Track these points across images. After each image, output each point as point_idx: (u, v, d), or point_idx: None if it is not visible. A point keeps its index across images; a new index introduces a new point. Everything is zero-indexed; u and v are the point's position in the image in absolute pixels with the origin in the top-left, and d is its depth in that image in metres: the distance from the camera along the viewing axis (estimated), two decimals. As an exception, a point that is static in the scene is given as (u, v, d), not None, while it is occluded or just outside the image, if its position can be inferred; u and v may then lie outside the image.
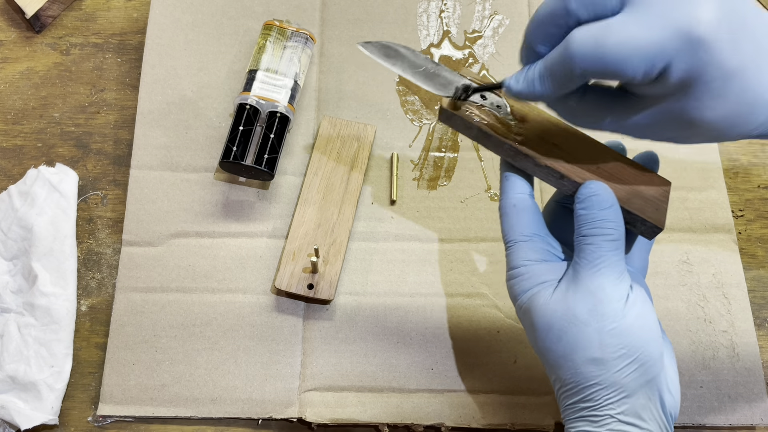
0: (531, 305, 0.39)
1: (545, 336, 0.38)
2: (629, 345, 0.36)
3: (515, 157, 0.41)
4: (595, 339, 0.36)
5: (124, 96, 0.66)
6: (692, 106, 0.33)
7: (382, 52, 0.42)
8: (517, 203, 0.41)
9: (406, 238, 0.60)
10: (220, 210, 0.61)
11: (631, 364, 0.36)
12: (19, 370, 0.54)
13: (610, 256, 0.37)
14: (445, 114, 0.41)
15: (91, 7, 0.70)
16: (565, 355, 0.38)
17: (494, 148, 0.41)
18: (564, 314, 0.37)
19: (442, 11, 0.69)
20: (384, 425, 0.54)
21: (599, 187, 0.38)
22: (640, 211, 0.40)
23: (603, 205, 0.38)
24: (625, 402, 0.37)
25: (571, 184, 0.40)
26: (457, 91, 0.41)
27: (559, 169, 0.40)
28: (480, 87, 0.41)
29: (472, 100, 0.41)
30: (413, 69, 0.42)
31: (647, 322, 0.37)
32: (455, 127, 0.41)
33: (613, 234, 0.37)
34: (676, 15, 0.31)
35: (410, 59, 0.42)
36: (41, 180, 0.60)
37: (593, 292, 0.37)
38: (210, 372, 0.55)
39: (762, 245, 0.61)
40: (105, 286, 0.59)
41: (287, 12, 0.68)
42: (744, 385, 0.55)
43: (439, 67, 0.42)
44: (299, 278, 0.57)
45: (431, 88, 0.41)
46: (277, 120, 0.59)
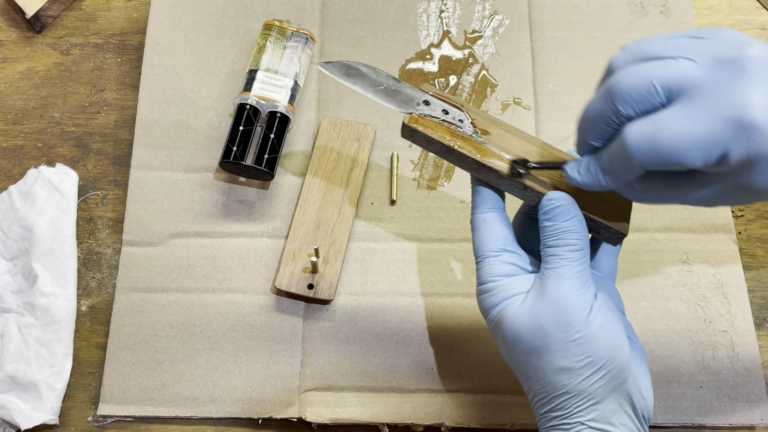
0: (500, 319, 0.40)
1: (515, 348, 0.39)
2: (595, 353, 0.37)
3: (479, 170, 0.41)
4: (561, 349, 0.37)
5: (124, 96, 0.66)
6: (757, 180, 0.33)
7: (342, 71, 0.43)
8: (487, 218, 0.41)
9: (406, 238, 0.60)
10: (220, 210, 0.61)
11: (598, 372, 0.37)
12: (19, 370, 0.54)
13: (574, 266, 0.38)
14: (407, 130, 0.41)
15: (91, 7, 0.70)
16: (535, 365, 0.38)
17: (458, 162, 0.41)
18: (531, 326, 0.38)
19: (442, 11, 0.69)
20: (384, 425, 0.54)
21: (562, 198, 0.39)
22: (603, 218, 0.40)
23: (566, 215, 0.39)
24: (595, 409, 0.37)
25: (535, 194, 0.40)
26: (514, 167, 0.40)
27: (522, 181, 0.40)
28: (542, 165, 0.40)
29: (435, 116, 0.41)
30: (374, 87, 0.42)
31: (612, 329, 0.38)
32: (418, 143, 0.41)
33: (577, 244, 0.38)
34: (725, 104, 0.31)
35: (371, 77, 0.43)
36: (41, 180, 0.60)
37: (558, 303, 0.37)
38: (210, 372, 0.55)
39: (762, 245, 0.61)
40: (105, 286, 0.59)
41: (287, 12, 0.68)
42: (744, 385, 0.55)
43: (400, 84, 0.42)
44: (299, 278, 0.57)
45: (393, 106, 0.41)
46: (277, 120, 0.59)
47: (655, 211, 0.61)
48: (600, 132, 0.36)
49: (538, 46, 0.67)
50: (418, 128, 0.40)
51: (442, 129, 0.41)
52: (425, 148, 0.41)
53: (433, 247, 0.60)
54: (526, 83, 0.66)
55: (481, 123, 0.42)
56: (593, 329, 0.37)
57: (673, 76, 0.33)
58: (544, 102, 0.65)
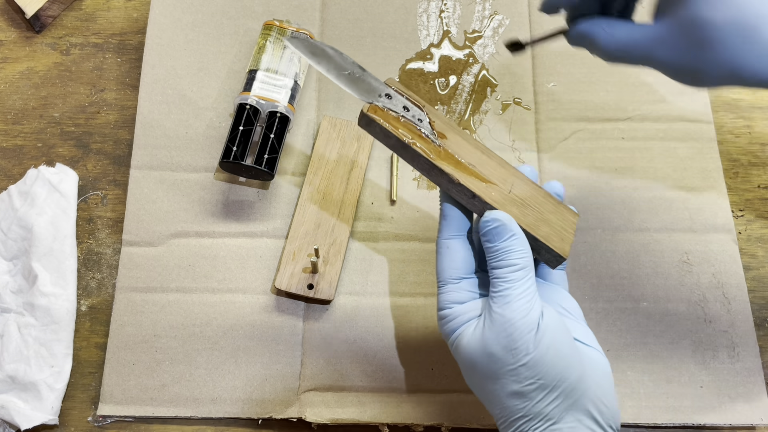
0: (458, 346, 0.40)
1: (471, 375, 0.40)
2: (545, 375, 0.37)
3: (430, 171, 0.40)
4: (512, 374, 0.37)
5: (124, 96, 0.66)
6: (703, 8, 0.35)
7: (308, 49, 0.42)
8: (450, 245, 0.41)
9: (406, 238, 0.60)
10: (220, 210, 0.61)
11: (551, 393, 0.37)
12: (19, 370, 0.54)
13: (517, 287, 0.38)
14: (365, 119, 0.41)
15: (91, 7, 0.70)
16: (491, 391, 0.38)
17: (411, 160, 0.41)
18: (483, 352, 0.38)
19: (442, 11, 0.69)
20: (384, 425, 0.54)
21: (499, 217, 0.39)
22: (545, 239, 0.40)
23: (505, 235, 0.39)
24: (554, 429, 0.37)
25: (482, 204, 0.40)
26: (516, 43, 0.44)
27: (472, 189, 0.40)
28: (545, 36, 0.43)
29: (395, 110, 0.41)
30: (338, 71, 0.42)
31: (560, 348, 0.37)
32: (374, 134, 0.41)
33: (518, 264, 0.38)
34: None
35: (336, 61, 0.42)
36: (41, 180, 0.60)
37: (504, 328, 0.37)
38: (210, 372, 0.55)
39: (762, 245, 0.61)
40: (105, 286, 0.59)
41: (287, 12, 0.68)
42: (744, 385, 0.55)
43: (365, 73, 0.42)
44: (299, 278, 0.57)
45: (354, 93, 0.41)
46: (277, 120, 0.59)
47: (656, 211, 0.61)
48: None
49: (538, 46, 0.67)
50: (375, 118, 0.40)
51: (400, 124, 0.40)
52: (381, 140, 0.41)
53: (433, 247, 0.60)
54: (526, 83, 0.66)
55: (440, 126, 0.42)
56: (541, 351, 0.37)
57: None
58: (544, 102, 0.65)
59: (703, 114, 0.65)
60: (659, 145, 0.64)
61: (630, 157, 0.63)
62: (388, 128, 0.40)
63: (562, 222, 0.42)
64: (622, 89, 0.66)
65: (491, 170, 0.42)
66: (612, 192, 0.62)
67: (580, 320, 0.42)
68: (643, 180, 0.62)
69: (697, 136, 0.64)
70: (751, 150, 0.65)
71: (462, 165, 0.41)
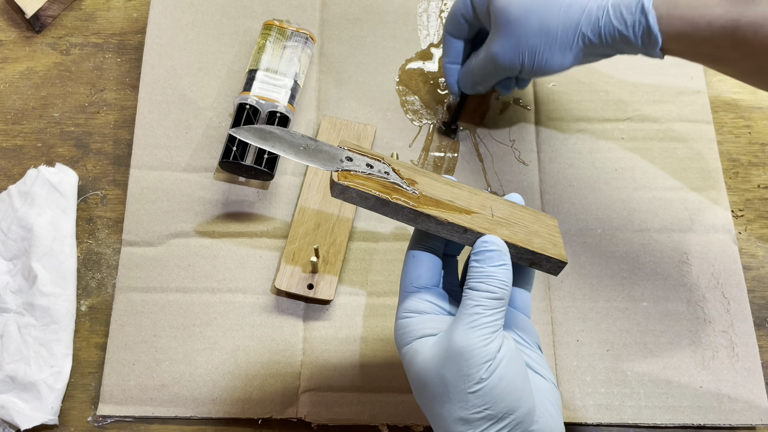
0: (411, 360, 0.39)
1: (421, 393, 0.39)
2: (494, 405, 0.36)
3: (416, 219, 0.40)
4: (461, 399, 0.37)
5: (124, 96, 0.66)
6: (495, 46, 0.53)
7: (257, 135, 0.41)
8: (416, 255, 0.41)
9: (406, 238, 0.60)
10: (220, 210, 0.61)
11: (497, 424, 0.36)
12: (19, 370, 0.54)
13: (488, 314, 0.37)
14: (338, 188, 0.39)
15: (91, 7, 0.70)
16: (439, 413, 0.38)
17: (394, 215, 0.40)
18: (436, 374, 0.37)
19: (442, 11, 0.69)
20: (384, 425, 0.54)
21: (496, 243, 0.39)
22: (542, 250, 0.40)
23: (495, 261, 0.38)
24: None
25: (475, 235, 0.40)
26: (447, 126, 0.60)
27: (462, 224, 0.39)
28: (456, 111, 0.56)
29: (360, 171, 0.40)
30: (294, 149, 0.41)
31: (513, 381, 0.37)
32: (350, 200, 0.40)
33: (497, 293, 0.37)
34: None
35: (288, 140, 0.41)
36: (41, 180, 0.60)
37: (462, 353, 0.36)
38: (210, 372, 0.55)
39: (762, 245, 0.61)
40: (105, 286, 0.59)
41: (287, 12, 0.68)
42: (744, 385, 0.55)
43: (318, 143, 0.41)
44: (299, 278, 0.57)
45: (317, 165, 0.40)
46: (277, 120, 0.59)
47: (656, 211, 0.61)
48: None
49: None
50: (349, 184, 0.38)
51: (372, 183, 0.39)
52: (357, 204, 0.40)
53: (433, 247, 0.60)
54: (526, 83, 0.66)
55: (406, 173, 0.41)
56: (493, 381, 0.36)
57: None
58: (544, 102, 0.65)
59: (703, 114, 0.65)
60: (659, 145, 0.64)
61: (630, 157, 0.63)
62: (364, 190, 0.39)
63: (547, 229, 0.43)
64: (622, 89, 0.66)
65: (468, 200, 0.41)
66: (612, 192, 0.62)
67: (536, 348, 0.42)
68: (643, 180, 0.62)
69: (697, 136, 0.64)
70: (751, 150, 0.65)
71: (443, 204, 0.40)
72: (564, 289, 0.58)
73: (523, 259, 0.41)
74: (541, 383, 0.40)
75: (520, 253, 0.41)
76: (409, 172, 0.42)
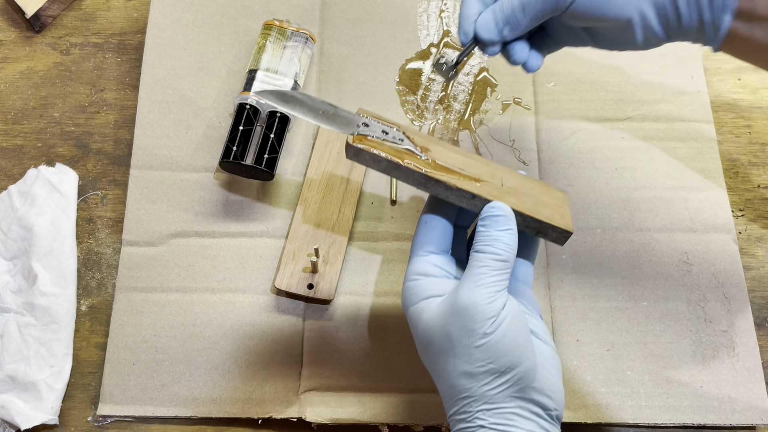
0: (417, 319, 0.41)
1: (426, 350, 0.40)
2: (497, 360, 0.38)
3: (426, 184, 0.42)
4: (465, 354, 0.38)
5: (124, 96, 0.66)
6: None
7: (279, 98, 0.44)
8: (429, 220, 0.43)
9: (406, 238, 0.60)
10: (220, 210, 0.61)
11: (498, 378, 0.38)
12: (19, 370, 0.54)
13: (493, 275, 0.39)
14: (352, 150, 0.41)
15: (91, 7, 0.70)
16: (443, 368, 0.39)
17: (405, 178, 0.42)
18: (441, 330, 0.39)
19: (442, 11, 0.69)
20: (384, 425, 0.54)
21: (503, 209, 0.41)
22: (549, 219, 0.42)
23: (501, 226, 0.40)
24: (497, 413, 0.38)
25: (483, 202, 0.41)
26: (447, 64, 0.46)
27: (470, 190, 0.41)
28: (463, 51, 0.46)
29: (375, 136, 0.42)
30: (313, 112, 0.43)
31: (516, 337, 0.38)
32: (364, 162, 0.42)
33: (502, 255, 0.39)
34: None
35: (308, 104, 0.44)
36: (41, 180, 0.60)
37: (467, 308, 0.38)
38: (210, 372, 0.55)
39: (762, 245, 0.61)
40: (105, 286, 0.59)
41: (287, 12, 0.68)
42: (744, 385, 0.55)
43: (337, 109, 0.43)
44: (299, 278, 0.57)
45: (335, 128, 0.43)
46: (277, 120, 0.59)
47: (656, 211, 0.61)
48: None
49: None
50: (363, 147, 0.41)
51: (385, 147, 0.42)
52: (371, 167, 0.42)
53: (433, 247, 0.60)
54: (526, 83, 0.66)
55: (420, 141, 0.43)
56: (497, 337, 0.38)
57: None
58: (544, 102, 0.65)
59: (703, 114, 0.65)
60: (659, 145, 0.64)
61: (630, 157, 0.63)
62: (377, 153, 0.41)
63: (556, 201, 0.44)
64: (622, 89, 0.66)
65: (479, 170, 0.43)
66: (612, 192, 0.62)
67: (537, 316, 0.44)
68: (643, 180, 0.62)
69: (697, 136, 0.64)
70: (751, 150, 0.65)
71: (453, 171, 0.42)
72: (564, 289, 0.58)
73: (529, 227, 0.42)
74: (542, 347, 0.41)
75: (526, 221, 0.42)
76: (423, 140, 0.43)
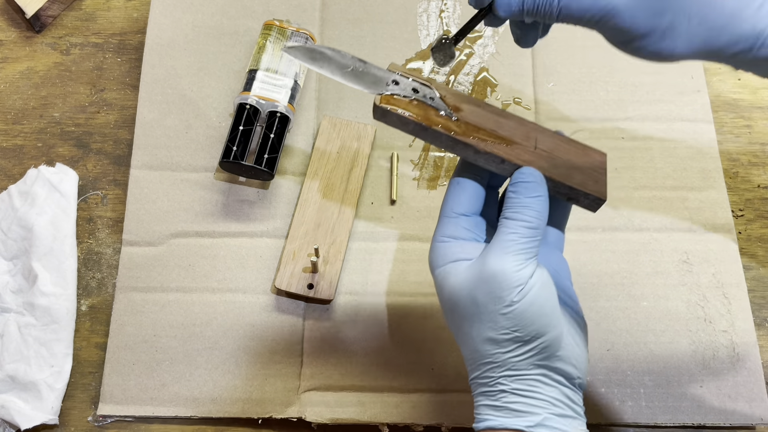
0: (443, 281, 0.40)
1: (451, 313, 0.40)
2: (522, 328, 0.37)
3: (455, 147, 0.40)
4: (491, 320, 0.38)
5: (124, 96, 0.66)
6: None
7: (307, 55, 0.43)
8: (461, 182, 0.41)
9: (406, 238, 0.60)
10: (220, 210, 0.61)
11: (523, 346, 0.38)
12: (19, 370, 0.54)
13: (522, 242, 0.38)
14: (379, 111, 0.40)
15: (91, 7, 0.70)
16: (468, 332, 0.39)
17: (433, 140, 0.41)
18: (467, 295, 0.38)
19: (442, 11, 0.69)
20: (384, 425, 0.54)
21: (533, 175, 0.40)
22: (581, 186, 0.40)
23: (531, 192, 0.39)
24: (518, 379, 0.38)
25: (512, 167, 0.40)
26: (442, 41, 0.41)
27: (499, 154, 0.40)
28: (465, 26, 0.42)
29: (405, 95, 0.41)
30: (341, 70, 0.42)
31: (543, 306, 0.38)
32: (391, 123, 0.41)
33: (532, 222, 0.38)
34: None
35: (337, 60, 0.42)
36: (41, 180, 0.60)
37: (495, 275, 0.37)
38: (210, 372, 0.55)
39: (762, 245, 0.61)
40: (105, 286, 0.59)
41: (287, 12, 0.68)
42: (744, 385, 0.55)
43: (367, 65, 0.42)
44: (299, 278, 0.57)
45: (362, 87, 0.41)
46: (277, 120, 0.59)
47: (656, 211, 0.61)
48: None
49: (538, 46, 0.67)
50: (389, 108, 0.40)
51: (414, 108, 0.40)
52: (398, 128, 0.41)
53: (433, 247, 0.60)
54: (526, 83, 0.66)
55: (452, 100, 0.42)
56: (524, 305, 0.37)
57: None
58: (544, 102, 0.65)
59: (703, 114, 0.65)
60: (659, 145, 0.64)
61: (630, 157, 0.63)
62: (405, 115, 0.40)
63: (592, 165, 0.42)
64: (622, 89, 0.66)
65: (512, 131, 0.41)
66: (612, 192, 0.62)
67: (568, 282, 0.43)
68: (643, 180, 0.62)
69: (697, 135, 0.64)
70: (751, 150, 0.65)
71: (483, 132, 0.40)
72: (564, 289, 0.58)
73: (560, 193, 0.41)
74: (570, 314, 0.41)
75: (557, 187, 0.41)
76: (456, 99, 0.42)
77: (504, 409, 0.38)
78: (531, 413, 0.38)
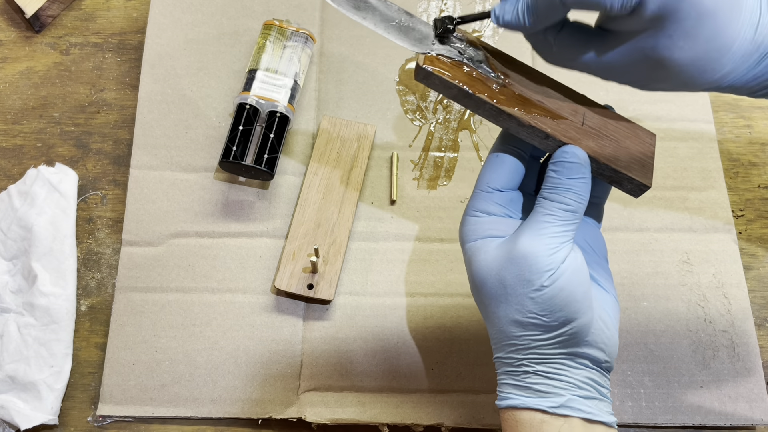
0: (472, 257, 0.39)
1: (479, 291, 0.39)
2: (550, 314, 0.36)
3: (497, 117, 0.38)
4: (518, 302, 0.37)
5: (124, 96, 0.66)
6: (663, 45, 0.34)
7: (351, 4, 0.40)
8: (500, 156, 0.40)
9: (406, 238, 0.60)
10: (220, 210, 0.61)
11: (549, 331, 0.37)
12: (19, 370, 0.54)
13: (558, 225, 0.36)
14: (422, 72, 0.38)
15: (91, 6, 0.70)
16: (494, 312, 0.38)
17: (476, 108, 0.39)
18: (496, 274, 0.37)
19: (442, 11, 0.69)
20: (384, 425, 0.54)
21: (577, 155, 0.38)
22: (626, 170, 0.39)
23: (573, 174, 0.37)
24: (543, 362, 0.37)
25: (557, 143, 0.38)
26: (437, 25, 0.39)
27: (544, 129, 0.38)
28: (464, 18, 0.39)
29: (450, 56, 0.38)
30: (386, 23, 0.40)
31: (573, 293, 0.36)
32: (433, 86, 0.38)
33: (571, 205, 0.37)
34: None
35: (382, 11, 0.40)
36: (41, 180, 0.60)
37: (526, 257, 0.36)
38: (210, 372, 0.55)
39: (762, 245, 0.61)
40: (105, 286, 0.59)
41: (287, 12, 0.68)
42: (744, 385, 0.55)
43: (413, 20, 0.40)
44: (299, 278, 0.57)
45: (406, 44, 0.39)
46: (277, 120, 0.59)
47: (656, 211, 0.61)
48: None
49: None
50: (433, 70, 0.37)
51: (459, 72, 0.38)
52: (440, 92, 0.38)
53: (433, 247, 0.60)
54: (526, 83, 0.66)
55: (500, 65, 0.39)
56: (553, 291, 0.36)
57: None
58: (544, 102, 0.65)
59: (703, 114, 0.65)
60: (659, 145, 0.64)
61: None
62: (448, 79, 0.37)
63: (641, 147, 0.40)
64: (622, 89, 0.65)
65: (561, 103, 0.39)
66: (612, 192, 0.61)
67: (603, 260, 0.41)
68: (643, 180, 0.62)
69: (697, 136, 0.64)
70: (751, 150, 0.65)
71: (529, 103, 0.38)
72: (564, 289, 0.58)
73: (603, 175, 0.39)
74: (602, 296, 0.39)
75: (601, 169, 0.39)
76: (504, 65, 0.39)
77: (527, 389, 0.37)
78: (555, 394, 0.37)
